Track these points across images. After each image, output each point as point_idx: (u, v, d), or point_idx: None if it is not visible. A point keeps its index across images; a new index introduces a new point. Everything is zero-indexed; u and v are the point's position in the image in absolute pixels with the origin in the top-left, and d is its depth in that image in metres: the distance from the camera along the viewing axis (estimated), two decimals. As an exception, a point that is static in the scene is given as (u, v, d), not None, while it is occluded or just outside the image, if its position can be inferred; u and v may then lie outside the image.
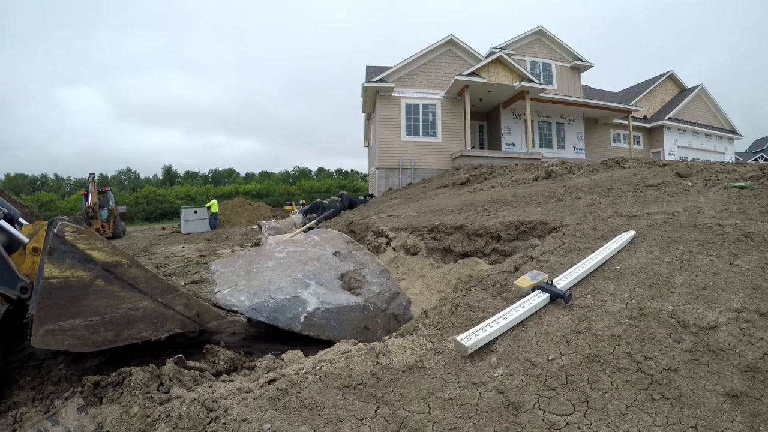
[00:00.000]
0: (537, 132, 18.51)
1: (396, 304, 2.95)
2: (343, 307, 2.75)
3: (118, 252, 2.26)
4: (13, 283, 2.10)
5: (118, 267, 2.22)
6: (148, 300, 2.26)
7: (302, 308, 2.70)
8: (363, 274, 3.14)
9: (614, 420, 1.24)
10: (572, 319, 1.72)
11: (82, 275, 2.08)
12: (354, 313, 2.72)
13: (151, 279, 2.33)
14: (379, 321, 2.79)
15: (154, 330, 2.23)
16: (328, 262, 3.29)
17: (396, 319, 2.87)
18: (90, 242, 2.15)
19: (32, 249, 2.27)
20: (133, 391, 1.78)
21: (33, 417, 1.70)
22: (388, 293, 2.95)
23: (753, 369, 1.32)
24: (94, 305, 2.08)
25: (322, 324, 2.66)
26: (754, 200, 2.92)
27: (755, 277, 1.78)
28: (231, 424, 1.36)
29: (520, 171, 8.81)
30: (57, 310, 1.97)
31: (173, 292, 2.40)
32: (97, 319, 2.06)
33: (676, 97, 23.68)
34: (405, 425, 1.31)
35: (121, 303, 2.17)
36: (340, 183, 54.03)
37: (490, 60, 15.62)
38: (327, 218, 11.49)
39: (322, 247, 3.66)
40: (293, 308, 2.72)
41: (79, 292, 2.06)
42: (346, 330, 2.67)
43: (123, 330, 2.13)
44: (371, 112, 19.46)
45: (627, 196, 3.78)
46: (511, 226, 3.78)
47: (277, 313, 2.69)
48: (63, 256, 2.06)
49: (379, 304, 2.84)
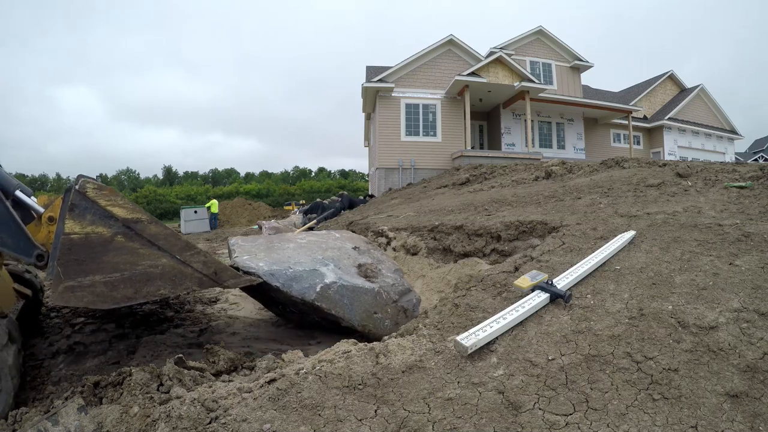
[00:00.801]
0: (537, 132, 18.50)
1: (407, 299, 2.99)
2: (358, 288, 2.80)
3: (137, 209, 2.27)
4: (29, 251, 2.09)
5: (138, 224, 2.23)
6: (167, 257, 2.27)
7: (320, 280, 2.76)
8: (379, 268, 3.20)
9: (614, 420, 1.24)
10: (572, 319, 1.72)
11: (103, 231, 2.09)
12: (367, 296, 2.77)
13: (170, 236, 2.34)
14: (389, 311, 2.82)
15: (173, 287, 2.23)
16: (347, 252, 3.36)
17: (405, 313, 2.89)
18: (111, 199, 2.17)
19: (48, 218, 2.27)
20: (133, 391, 1.78)
21: (33, 417, 1.70)
22: (401, 287, 3.01)
23: (753, 369, 1.32)
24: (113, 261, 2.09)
25: (335, 299, 2.70)
26: (754, 200, 2.92)
27: (755, 277, 1.78)
28: (231, 424, 1.36)
29: (520, 171, 8.80)
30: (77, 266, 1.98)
31: (191, 250, 2.41)
32: (116, 275, 2.07)
33: (676, 97, 23.67)
34: (405, 425, 1.31)
35: (141, 260, 2.18)
36: (340, 183, 53.99)
37: (490, 60, 15.61)
38: (327, 218, 11.49)
39: (342, 241, 3.79)
40: (310, 278, 2.78)
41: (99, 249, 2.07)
42: (356, 311, 2.71)
43: (142, 287, 2.14)
44: (371, 112, 19.45)
45: (627, 196, 3.77)
46: (511, 226, 3.78)
47: (293, 282, 2.74)
48: (84, 212, 2.07)
49: (391, 295, 2.89)
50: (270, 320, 3.87)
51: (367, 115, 21.25)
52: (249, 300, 4.61)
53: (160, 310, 4.16)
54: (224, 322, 3.67)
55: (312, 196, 39.15)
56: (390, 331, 2.68)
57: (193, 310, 4.16)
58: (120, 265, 2.11)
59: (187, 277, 2.32)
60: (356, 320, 2.71)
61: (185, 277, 2.31)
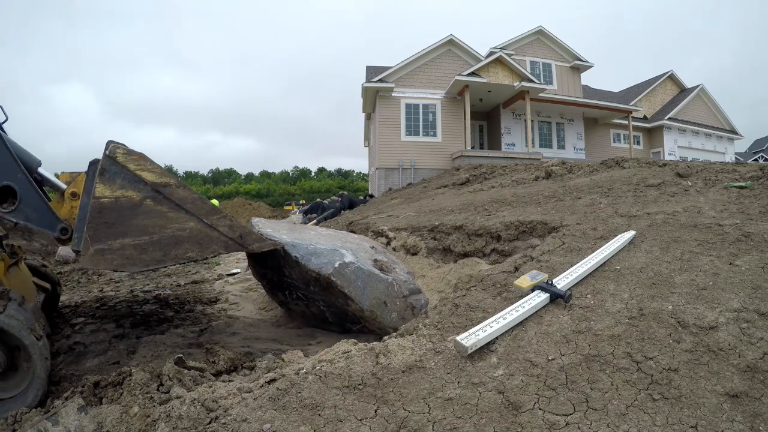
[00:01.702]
0: (537, 132, 18.50)
1: (416, 298, 3.04)
2: (373, 274, 2.88)
3: (166, 173, 2.29)
4: (53, 225, 2.13)
5: (166, 188, 2.25)
6: (194, 221, 2.29)
7: (339, 258, 2.86)
8: (393, 267, 3.27)
9: (614, 420, 1.24)
10: (572, 319, 1.72)
11: (132, 195, 2.12)
12: (380, 285, 2.83)
13: (197, 200, 2.36)
14: (398, 304, 2.87)
15: (200, 250, 2.25)
16: (365, 248, 3.49)
17: (412, 311, 2.93)
18: (140, 164, 2.20)
19: (71, 194, 2.29)
20: (133, 391, 1.78)
21: (33, 417, 1.70)
22: (412, 286, 3.08)
23: (753, 369, 1.32)
24: (143, 225, 2.11)
25: (351, 279, 2.76)
26: (754, 200, 2.92)
27: (755, 277, 1.78)
28: (231, 424, 1.36)
29: (520, 171, 8.80)
30: (107, 229, 2.01)
31: (218, 214, 2.42)
32: (145, 238, 2.10)
33: (676, 97, 23.67)
34: (405, 425, 1.31)
35: (169, 223, 2.20)
36: (340, 183, 54.01)
37: (490, 60, 15.61)
38: (327, 218, 11.50)
39: (360, 239, 3.96)
40: (329, 256, 2.87)
41: (129, 212, 2.09)
42: (367, 296, 2.77)
43: (170, 250, 2.16)
44: (371, 112, 19.45)
45: (627, 196, 3.77)
46: (511, 226, 3.78)
47: (312, 256, 2.83)
48: (114, 176, 2.10)
49: (402, 290, 2.95)
50: (270, 320, 3.87)
51: (367, 115, 21.25)
52: (249, 300, 4.61)
53: (160, 310, 4.16)
54: (224, 322, 3.67)
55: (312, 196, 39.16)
56: (396, 324, 2.71)
57: (193, 310, 4.16)
58: (149, 229, 2.13)
59: (213, 241, 2.34)
60: (366, 305, 2.74)
61: (212, 240, 2.33)
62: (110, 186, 2.09)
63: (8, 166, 2.05)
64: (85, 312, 4.05)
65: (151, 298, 4.78)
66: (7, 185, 2.01)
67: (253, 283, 5.35)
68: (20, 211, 2.04)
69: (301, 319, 3.60)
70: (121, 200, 2.09)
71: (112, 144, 2.19)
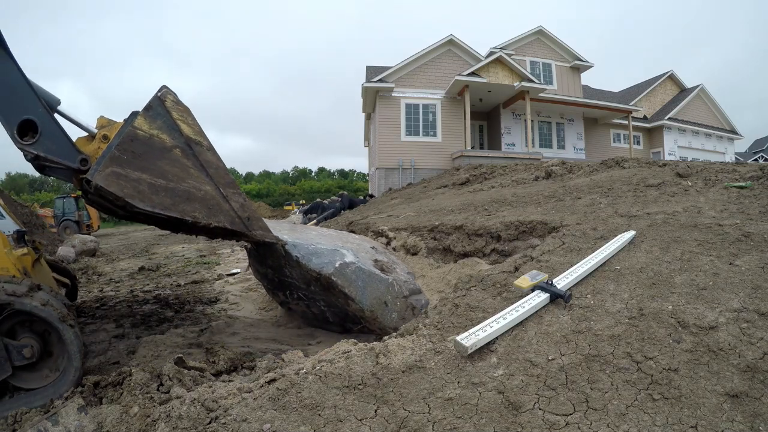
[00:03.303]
0: (537, 132, 18.50)
1: (416, 299, 3.05)
2: (374, 274, 2.89)
3: (202, 133, 2.36)
4: (73, 157, 2.21)
5: (197, 145, 2.32)
6: (211, 186, 2.34)
7: (339, 258, 2.87)
8: (394, 267, 3.27)
9: (614, 420, 1.24)
10: (572, 319, 1.72)
11: (165, 139, 2.20)
12: (380, 285, 2.85)
13: (220, 169, 2.41)
14: (398, 304, 2.88)
15: (207, 215, 2.29)
16: (366, 248, 3.50)
17: (413, 311, 2.94)
18: (183, 115, 2.28)
19: (102, 136, 2.36)
20: (133, 391, 1.78)
21: (33, 417, 1.70)
22: (413, 286, 3.09)
23: (753, 369, 1.32)
24: (164, 169, 2.17)
25: (351, 278, 2.78)
26: (754, 200, 2.92)
27: (755, 277, 1.78)
28: (231, 424, 1.36)
29: (520, 171, 8.81)
30: (132, 158, 2.07)
31: (235, 189, 2.47)
32: (162, 182, 2.15)
33: (676, 97, 23.67)
34: (405, 425, 1.31)
35: (188, 178, 2.26)
36: (340, 183, 53.98)
37: (490, 60, 15.61)
38: (327, 218, 11.50)
39: (361, 239, 3.97)
40: (330, 256, 2.88)
41: (157, 153, 2.16)
42: (368, 296, 2.78)
43: (180, 203, 2.20)
44: (371, 112, 19.45)
45: (627, 196, 3.77)
46: (511, 226, 3.78)
47: (313, 256, 2.84)
48: (156, 116, 2.18)
49: (403, 290, 2.96)
50: (270, 320, 3.87)
51: (367, 115, 21.25)
52: (249, 300, 4.61)
53: (160, 310, 4.16)
54: (224, 322, 3.67)
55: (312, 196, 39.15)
56: (396, 324, 2.72)
57: (193, 310, 4.16)
58: (169, 175, 2.19)
59: (222, 212, 2.37)
60: (366, 304, 2.75)
61: (221, 210, 2.37)
62: (150, 123, 2.17)
63: (29, 102, 2.13)
64: (85, 312, 4.05)
65: (151, 298, 4.78)
66: (29, 119, 2.09)
67: (253, 283, 5.36)
68: (41, 143, 2.12)
69: (302, 319, 3.60)
70: (154, 139, 2.16)
71: (165, 89, 2.30)
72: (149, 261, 8.46)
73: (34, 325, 2.06)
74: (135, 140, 2.11)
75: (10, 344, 1.98)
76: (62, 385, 1.98)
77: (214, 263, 7.58)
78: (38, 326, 2.07)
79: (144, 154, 2.12)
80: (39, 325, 2.06)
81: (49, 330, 2.08)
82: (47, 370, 2.06)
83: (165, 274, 6.69)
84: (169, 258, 8.90)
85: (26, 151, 2.13)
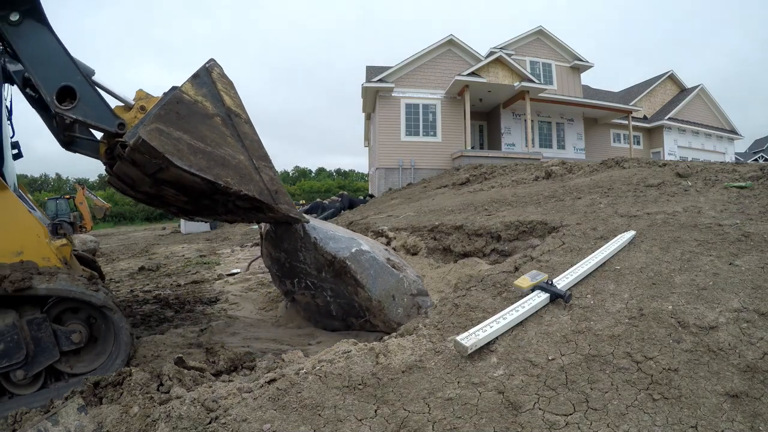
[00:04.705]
0: (537, 132, 18.52)
1: (422, 299, 3.13)
2: (386, 267, 2.97)
3: (242, 106, 2.51)
4: (111, 121, 2.33)
5: (236, 117, 2.45)
6: (245, 156, 2.45)
7: (356, 245, 2.97)
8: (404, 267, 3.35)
9: (614, 420, 1.24)
10: (572, 319, 1.72)
11: (208, 107, 2.33)
12: (391, 278, 2.93)
13: (255, 141, 2.54)
14: (405, 300, 2.94)
15: (238, 182, 2.39)
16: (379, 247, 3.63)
17: (418, 310, 3.00)
18: (226, 88, 2.43)
19: (140, 107, 2.48)
20: (133, 391, 1.78)
21: (33, 417, 1.70)
22: (420, 287, 3.15)
23: (753, 369, 1.32)
24: (204, 133, 2.29)
25: (365, 266, 2.87)
26: (754, 200, 2.92)
27: (755, 277, 1.78)
28: (231, 424, 1.36)
29: (520, 171, 8.81)
30: (175, 117, 2.18)
31: (267, 162, 2.59)
32: (200, 145, 2.26)
33: (676, 97, 23.68)
34: (405, 425, 1.31)
35: (225, 146, 2.38)
36: (340, 183, 53.97)
37: (490, 60, 15.62)
38: (327, 218, 11.50)
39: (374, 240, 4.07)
40: (347, 242, 2.99)
41: (199, 118, 2.28)
42: (378, 286, 2.85)
43: (215, 167, 2.30)
44: (371, 112, 19.46)
45: (627, 196, 3.78)
46: (511, 226, 3.79)
47: (331, 240, 2.95)
48: (202, 85, 2.33)
49: (411, 288, 3.03)
50: (270, 320, 3.87)
51: (367, 115, 21.26)
52: (249, 300, 4.61)
53: (160, 310, 4.16)
54: (224, 322, 3.67)
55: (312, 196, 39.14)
56: (401, 319, 2.78)
57: (193, 310, 4.16)
58: (207, 139, 2.30)
59: (252, 181, 2.48)
60: (375, 294, 2.83)
61: (251, 180, 2.48)
62: (195, 90, 2.30)
63: (68, 69, 2.25)
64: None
65: (151, 298, 4.79)
66: (67, 86, 2.20)
67: (253, 283, 5.36)
68: (79, 108, 2.22)
69: (304, 311, 3.60)
70: (197, 105, 2.28)
71: (213, 61, 2.44)
72: (149, 261, 8.46)
73: (80, 312, 2.22)
74: (180, 103, 2.22)
75: (58, 330, 2.12)
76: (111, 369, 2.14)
77: (214, 263, 7.58)
78: (84, 313, 2.23)
79: (187, 116, 2.24)
80: (85, 312, 2.23)
81: (94, 317, 2.25)
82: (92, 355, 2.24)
83: (165, 274, 6.69)
84: (169, 258, 8.90)
85: (66, 116, 2.22)
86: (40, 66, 2.20)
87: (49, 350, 2.08)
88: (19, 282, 2.01)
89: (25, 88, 2.79)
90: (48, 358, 2.08)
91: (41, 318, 2.09)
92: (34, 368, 2.06)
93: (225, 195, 2.52)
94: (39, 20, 2.19)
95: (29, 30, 2.17)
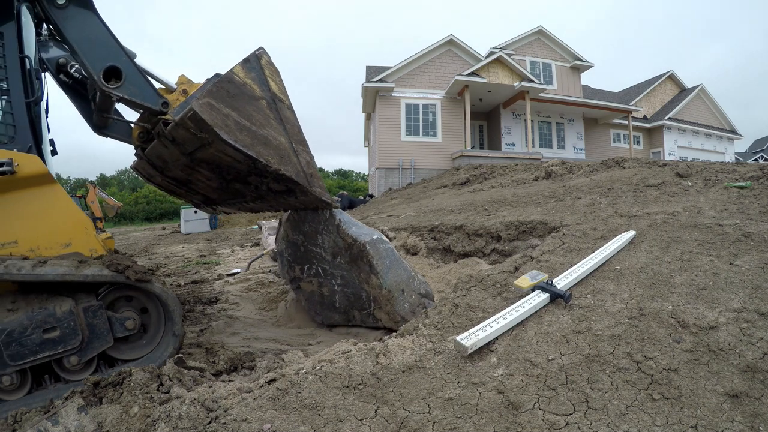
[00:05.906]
0: (537, 132, 18.51)
1: (428, 301, 3.20)
2: (401, 262, 3.09)
3: (285, 92, 2.67)
4: (155, 100, 2.48)
5: (280, 102, 2.61)
6: (285, 138, 2.60)
7: (377, 235, 3.11)
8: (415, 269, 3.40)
9: (614, 420, 1.24)
10: (572, 319, 1.72)
11: (255, 89, 2.48)
12: (403, 273, 3.05)
13: (295, 126, 2.69)
14: (413, 297, 3.03)
15: (278, 162, 2.52)
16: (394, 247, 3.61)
17: (422, 307, 3.02)
18: (273, 74, 2.59)
19: (182, 90, 2.68)
20: (133, 391, 1.78)
21: (33, 417, 1.70)
22: (428, 289, 3.23)
23: (753, 369, 1.32)
24: (251, 113, 2.43)
25: (382, 255, 2.98)
26: (754, 200, 2.92)
27: (755, 277, 1.78)
28: (231, 424, 1.36)
29: (520, 171, 8.81)
30: (226, 95, 2.32)
31: (305, 147, 2.73)
32: (246, 123, 2.40)
33: (676, 97, 23.67)
34: (405, 425, 1.31)
35: (268, 127, 2.52)
36: (340, 183, 53.92)
37: (490, 60, 15.62)
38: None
39: None
40: (369, 230, 3.14)
41: (246, 98, 2.43)
42: (390, 278, 2.96)
43: (258, 145, 2.43)
44: (371, 112, 19.46)
45: (627, 196, 3.78)
46: (511, 226, 3.79)
47: (353, 226, 3.09)
48: (251, 69, 2.48)
49: (420, 288, 3.12)
50: (270, 320, 3.87)
51: (367, 115, 21.26)
52: (249, 300, 4.61)
53: (160, 310, 4.16)
54: (224, 322, 3.67)
55: (312, 196, 39.02)
56: (405, 314, 2.85)
57: (193, 310, 4.16)
58: (253, 119, 2.44)
59: (290, 163, 2.61)
60: (387, 283, 2.92)
61: (290, 162, 2.61)
62: (245, 73, 2.43)
63: (114, 50, 2.39)
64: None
65: (151, 298, 4.78)
66: (113, 66, 2.32)
67: (253, 283, 5.36)
68: (125, 87, 2.36)
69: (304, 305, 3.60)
70: (246, 86, 2.43)
71: (262, 49, 2.60)
72: (149, 261, 8.46)
73: (134, 300, 2.37)
74: (231, 83, 2.35)
75: (113, 317, 2.24)
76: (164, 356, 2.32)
77: (214, 263, 7.58)
78: (137, 302, 2.38)
79: (236, 96, 2.37)
80: (138, 301, 2.37)
81: (146, 306, 2.39)
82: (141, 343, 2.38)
83: (165, 274, 6.69)
84: (169, 258, 8.90)
85: (113, 94, 2.34)
86: (87, 47, 2.32)
87: (104, 336, 2.19)
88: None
89: (59, 74, 2.87)
90: (102, 344, 2.19)
91: (97, 305, 2.19)
92: (87, 354, 2.16)
93: (260, 177, 2.65)
94: (84, 3, 2.32)
95: (75, 12, 2.30)
